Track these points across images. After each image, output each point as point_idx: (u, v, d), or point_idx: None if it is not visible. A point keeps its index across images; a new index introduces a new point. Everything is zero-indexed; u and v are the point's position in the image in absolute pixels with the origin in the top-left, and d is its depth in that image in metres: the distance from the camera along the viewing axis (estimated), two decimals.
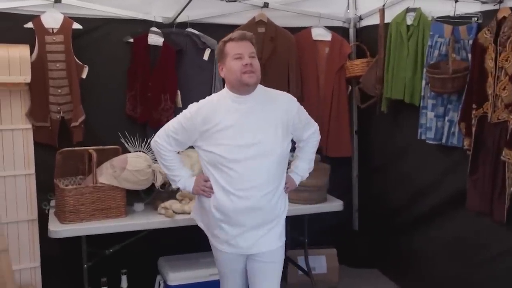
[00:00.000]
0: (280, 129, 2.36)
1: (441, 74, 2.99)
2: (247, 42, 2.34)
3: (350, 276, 4.04)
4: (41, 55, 3.24)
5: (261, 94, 2.39)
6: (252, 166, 2.31)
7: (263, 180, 2.33)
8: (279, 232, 2.47)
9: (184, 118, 2.41)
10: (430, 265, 3.48)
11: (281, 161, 2.40)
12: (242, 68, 2.27)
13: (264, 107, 2.35)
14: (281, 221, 2.48)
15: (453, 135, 3.08)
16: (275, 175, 2.38)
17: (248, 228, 2.39)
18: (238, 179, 2.32)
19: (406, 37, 3.40)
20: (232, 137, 2.30)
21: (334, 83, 3.97)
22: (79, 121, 3.31)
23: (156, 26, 3.55)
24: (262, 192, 2.34)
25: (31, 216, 3.31)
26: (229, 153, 2.30)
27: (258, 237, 2.40)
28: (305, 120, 2.51)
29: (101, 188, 2.97)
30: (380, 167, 3.99)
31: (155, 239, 3.37)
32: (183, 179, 2.54)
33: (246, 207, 2.34)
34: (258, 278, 2.48)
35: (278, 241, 2.46)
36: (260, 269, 2.47)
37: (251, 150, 2.30)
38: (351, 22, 4.12)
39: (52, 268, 3.38)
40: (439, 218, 3.37)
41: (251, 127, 2.32)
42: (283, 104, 2.40)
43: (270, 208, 2.38)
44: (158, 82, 3.52)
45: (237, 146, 2.30)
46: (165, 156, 2.51)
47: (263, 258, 2.45)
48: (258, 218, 2.37)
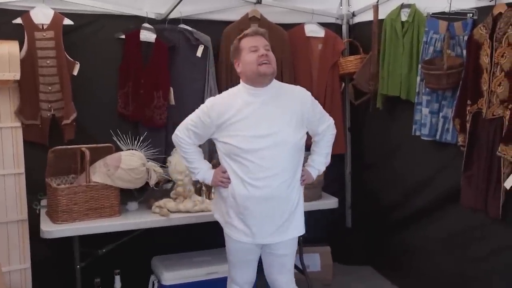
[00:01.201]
0: (295, 121, 2.42)
1: (436, 70, 2.99)
2: (260, 37, 2.45)
3: (344, 274, 4.03)
4: (31, 51, 3.17)
5: (276, 87, 2.48)
6: (267, 156, 2.37)
7: (278, 170, 2.40)
8: (295, 223, 2.52)
9: (202, 112, 2.49)
10: (424, 262, 3.48)
11: (296, 152, 2.45)
12: (258, 59, 2.36)
13: (279, 99, 2.43)
14: (297, 212, 2.52)
15: (447, 131, 3.08)
16: (290, 166, 2.43)
17: (264, 218, 2.45)
18: (253, 168, 2.38)
19: (401, 33, 3.40)
20: (248, 128, 2.37)
21: (327, 80, 3.95)
22: (70, 118, 3.24)
23: (148, 22, 3.49)
24: (277, 182, 2.40)
25: (21, 216, 3.24)
26: (244, 144, 2.37)
27: (275, 228, 2.47)
28: (319, 113, 2.57)
29: (95, 187, 2.91)
30: (374, 164, 3.99)
31: (149, 239, 3.33)
32: (202, 171, 2.60)
33: (261, 196, 2.40)
34: (275, 268, 2.58)
35: (294, 232, 2.53)
36: (276, 260, 2.56)
37: (266, 141, 2.37)
38: (344, 18, 4.11)
39: (43, 269, 3.31)
40: (433, 214, 3.37)
41: (266, 118, 2.39)
42: (298, 97, 2.48)
43: (285, 197, 2.45)
44: (150, 79, 3.47)
45: (252, 136, 2.36)
46: (184, 149, 2.58)
47: (279, 249, 2.52)
48: (274, 207, 2.43)
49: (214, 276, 3.24)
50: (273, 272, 2.61)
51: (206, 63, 3.60)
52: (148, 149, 3.22)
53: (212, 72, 3.61)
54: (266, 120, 2.38)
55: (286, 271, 2.61)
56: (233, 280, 2.68)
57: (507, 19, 2.59)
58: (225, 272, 3.23)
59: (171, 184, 3.30)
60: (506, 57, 2.60)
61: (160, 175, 3.08)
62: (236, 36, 3.60)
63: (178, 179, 3.17)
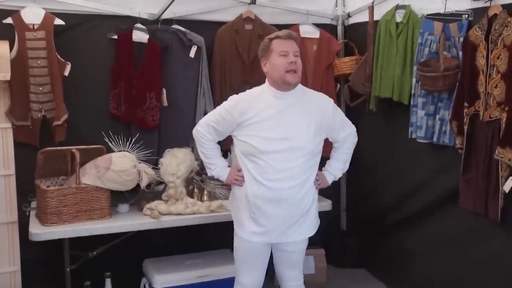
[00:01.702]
0: (313, 127, 2.46)
1: (431, 72, 2.95)
2: (293, 41, 2.44)
3: (338, 277, 3.99)
4: (22, 51, 3.13)
5: (300, 92, 2.51)
6: (282, 159, 2.41)
7: (291, 173, 2.43)
8: (307, 224, 2.57)
9: (224, 110, 2.52)
10: (419, 265, 3.45)
11: (311, 157, 2.49)
12: (287, 66, 2.38)
13: (301, 104, 2.46)
14: (310, 215, 2.57)
15: (444, 134, 3.05)
16: (303, 170, 2.46)
17: (275, 218, 2.48)
18: (267, 169, 2.42)
19: (395, 34, 3.36)
20: (267, 130, 2.41)
21: (322, 81, 3.92)
22: (61, 120, 3.20)
23: (141, 22, 3.46)
24: (289, 184, 2.44)
25: (10, 218, 3.19)
26: (261, 145, 2.41)
27: (285, 228, 2.51)
28: (340, 121, 2.60)
29: (85, 189, 2.87)
30: (369, 167, 3.95)
31: (140, 241, 3.30)
32: (218, 168, 2.65)
33: (273, 197, 2.44)
34: (284, 263, 2.65)
35: (305, 232, 2.59)
36: (285, 257, 2.63)
37: (282, 144, 2.41)
38: (339, 19, 4.09)
39: (33, 272, 3.26)
40: (430, 218, 3.33)
41: (286, 122, 2.42)
42: (319, 104, 2.52)
43: (296, 200, 2.48)
44: (143, 80, 3.43)
45: (269, 138, 2.40)
46: (204, 144, 2.63)
47: (288, 247, 2.58)
48: (285, 209, 2.47)
49: (205, 279, 3.20)
50: (281, 266, 2.68)
51: (199, 64, 3.57)
52: (140, 150, 3.18)
53: (205, 73, 3.58)
54: (285, 124, 2.42)
55: (294, 266, 2.68)
56: (239, 281, 2.68)
57: (502, 20, 2.56)
58: (216, 275, 3.25)
59: (163, 186, 3.26)
60: (501, 58, 2.56)
61: (152, 177, 3.04)
62: (229, 37, 3.64)
63: (170, 181, 3.14)
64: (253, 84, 3.42)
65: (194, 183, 3.31)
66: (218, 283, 3.24)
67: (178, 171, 3.14)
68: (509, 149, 2.48)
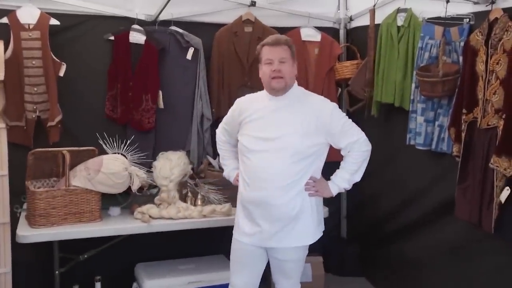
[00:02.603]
0: (305, 129, 2.40)
1: (431, 77, 2.88)
2: (281, 47, 2.44)
3: (336, 285, 3.92)
4: (17, 51, 3.12)
5: (297, 95, 2.49)
6: (267, 159, 2.41)
7: (275, 175, 2.40)
8: (297, 233, 2.47)
9: (231, 110, 2.64)
10: (419, 275, 3.36)
11: (299, 160, 2.41)
12: (271, 74, 2.41)
13: (295, 106, 2.45)
14: (300, 221, 2.47)
15: (442, 141, 2.97)
16: (290, 173, 2.41)
17: (263, 220, 2.46)
18: (253, 169, 2.44)
19: (396, 38, 3.30)
20: (256, 129, 2.45)
21: (324, 86, 3.85)
22: (55, 120, 3.18)
23: (138, 23, 3.43)
24: (272, 186, 2.41)
25: (2, 219, 3.15)
26: (250, 144, 2.45)
27: (273, 232, 2.46)
28: (341, 127, 2.46)
29: (74, 191, 2.84)
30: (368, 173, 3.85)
31: (132, 245, 3.25)
32: (229, 169, 2.73)
33: (256, 198, 2.44)
34: (278, 274, 2.60)
35: (295, 241, 2.49)
36: (277, 264, 2.57)
37: (268, 144, 2.41)
38: (341, 22, 4.02)
39: (23, 274, 3.24)
40: (429, 226, 3.25)
41: (276, 122, 2.43)
42: (315, 107, 2.46)
43: (281, 204, 2.42)
44: (139, 82, 3.40)
45: (257, 138, 2.43)
46: (219, 145, 2.76)
47: (280, 255, 2.52)
48: (269, 212, 2.44)
49: (196, 286, 3.16)
50: (275, 274, 2.63)
51: (197, 66, 3.53)
52: (135, 152, 3.14)
53: (202, 76, 3.54)
54: (275, 124, 2.43)
55: (287, 276, 2.59)
56: (231, 282, 2.65)
57: (503, 24, 2.48)
58: (208, 281, 3.20)
59: (157, 190, 3.21)
60: (501, 64, 2.48)
61: (143, 180, 2.99)
62: (228, 39, 3.59)
63: (163, 184, 3.09)
64: (252, 87, 3.41)
65: (188, 187, 3.26)
66: None
67: (171, 175, 3.10)
68: (505, 158, 2.39)
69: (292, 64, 2.47)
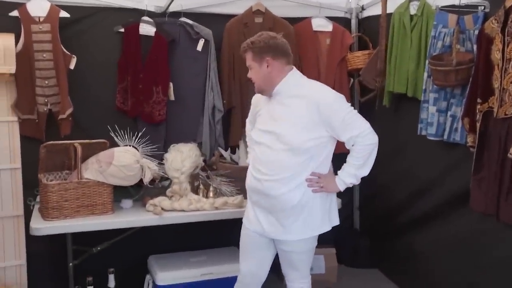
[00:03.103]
0: (301, 122, 2.38)
1: (444, 66, 2.83)
2: (245, 54, 2.47)
3: (349, 277, 3.90)
4: (27, 44, 3.12)
5: (289, 88, 2.44)
6: (266, 150, 2.45)
7: (273, 167, 2.42)
8: (297, 226, 2.46)
9: (251, 105, 2.71)
10: (433, 266, 3.33)
11: (297, 154, 2.39)
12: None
13: (289, 100, 2.43)
14: (302, 215, 2.45)
15: (455, 131, 2.92)
16: (286, 166, 2.40)
17: (261, 209, 2.51)
18: (256, 160, 2.51)
19: (409, 27, 3.25)
20: (261, 123, 2.52)
21: (335, 76, 3.82)
22: (66, 113, 3.19)
23: (148, 15, 3.41)
24: (270, 178, 2.42)
25: (16, 212, 3.21)
26: (256, 136, 2.53)
27: (271, 222, 2.49)
28: (342, 120, 2.37)
29: (86, 183, 2.84)
30: (381, 164, 3.80)
31: (145, 237, 3.26)
32: (251, 158, 2.70)
33: (256, 188, 2.49)
34: (285, 265, 2.62)
35: (294, 235, 2.48)
36: (283, 255, 2.58)
37: (268, 136, 2.44)
38: (353, 12, 3.97)
39: (38, 265, 3.28)
40: (442, 217, 3.21)
41: (273, 117, 2.46)
42: (312, 100, 2.39)
43: (276, 196, 2.43)
44: (149, 74, 3.39)
45: (261, 130, 2.49)
46: (247, 135, 2.80)
47: (285, 246, 2.53)
48: (265, 202, 2.47)
49: (209, 277, 3.16)
50: (282, 265, 2.63)
51: (207, 58, 3.50)
52: (146, 145, 3.13)
53: (213, 67, 3.51)
54: (273, 118, 2.45)
55: (293, 267, 2.59)
56: (240, 269, 2.69)
57: None
58: (220, 273, 3.19)
59: (168, 182, 3.21)
60: None
61: (155, 172, 2.99)
62: (238, 30, 3.56)
63: (174, 176, 3.09)
64: None
65: (200, 179, 3.25)
66: (222, 281, 3.18)
67: (183, 167, 3.09)
68: None
69: (260, 65, 2.41)
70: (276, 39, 2.43)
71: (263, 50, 2.40)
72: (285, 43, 2.45)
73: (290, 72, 2.45)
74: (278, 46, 2.41)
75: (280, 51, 2.42)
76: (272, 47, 2.40)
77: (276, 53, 2.40)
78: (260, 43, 2.40)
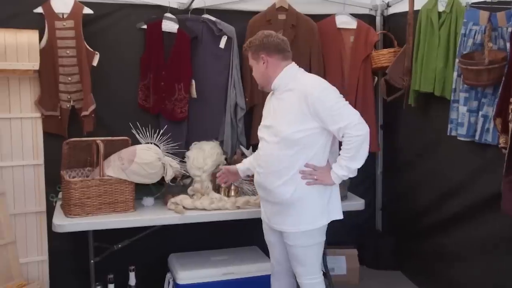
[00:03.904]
0: (293, 116, 2.44)
1: (475, 65, 2.74)
2: (247, 54, 2.60)
3: (371, 278, 3.85)
4: (51, 41, 3.12)
5: (285, 82, 2.51)
6: (264, 144, 2.56)
7: (269, 160, 2.51)
8: (293, 219, 2.51)
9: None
10: (458, 270, 3.26)
11: (288, 147, 2.45)
12: None
13: (284, 95, 2.51)
14: (297, 208, 2.50)
15: (487, 132, 2.83)
16: (279, 159, 2.47)
17: (265, 202, 2.63)
18: (258, 154, 2.64)
19: (437, 25, 3.16)
20: (263, 118, 2.65)
21: (359, 74, 3.75)
22: (89, 110, 3.18)
23: (170, 12, 3.39)
24: (267, 170, 2.52)
25: (39, 208, 3.22)
26: (259, 131, 2.64)
27: (272, 213, 2.59)
28: (329, 111, 2.39)
29: (108, 181, 2.83)
30: (407, 165, 3.77)
31: (166, 235, 3.24)
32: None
33: (257, 180, 2.61)
34: (291, 259, 2.64)
35: (289, 226, 2.53)
36: (289, 251, 2.62)
37: (266, 130, 2.55)
38: (378, 9, 3.90)
39: (60, 262, 3.28)
40: (472, 220, 3.13)
41: (270, 112, 2.57)
42: (301, 93, 2.44)
43: (272, 189, 2.51)
44: (172, 71, 3.37)
45: (262, 125, 2.62)
46: None
47: (285, 238, 2.58)
48: (266, 195, 2.57)
49: (230, 277, 3.13)
50: (290, 261, 2.66)
51: (230, 55, 3.47)
52: (168, 142, 3.12)
53: (236, 64, 3.48)
54: (270, 113, 2.57)
55: (300, 263, 2.60)
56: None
57: None
58: (242, 273, 3.18)
59: (190, 180, 3.18)
60: None
61: (177, 170, 2.97)
62: (262, 27, 3.50)
63: (196, 175, 3.06)
64: None
65: None
66: (244, 281, 3.16)
67: (205, 165, 3.07)
68: None
69: (257, 63, 2.52)
70: (271, 37, 2.51)
71: (258, 48, 2.51)
72: (280, 40, 2.53)
73: (285, 68, 2.52)
74: (271, 43, 2.50)
75: (273, 48, 2.50)
76: (266, 44, 2.49)
77: (269, 50, 2.49)
78: (256, 42, 2.52)
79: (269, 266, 2.89)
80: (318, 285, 2.63)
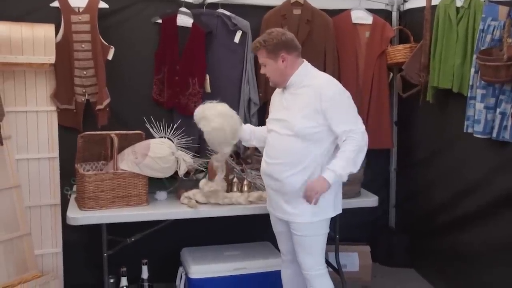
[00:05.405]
0: (306, 110, 2.51)
1: (493, 61, 2.71)
2: (257, 53, 2.60)
3: (384, 275, 3.83)
4: (67, 35, 3.14)
5: (300, 80, 2.56)
6: (274, 137, 2.61)
7: (278, 151, 2.58)
8: (301, 209, 2.56)
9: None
10: (472, 269, 3.23)
11: (300, 140, 2.51)
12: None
13: (298, 91, 2.57)
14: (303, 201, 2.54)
15: (505, 129, 2.79)
16: (292, 151, 2.53)
17: (271, 191, 2.67)
18: (267, 145, 2.68)
19: (455, 20, 3.12)
20: (273, 112, 2.70)
21: (374, 70, 3.72)
22: (104, 104, 3.19)
23: (185, 6, 3.38)
24: (276, 161, 2.58)
25: (54, 200, 3.25)
26: (268, 124, 2.71)
27: (280, 204, 2.63)
28: (339, 113, 2.49)
29: (122, 174, 2.84)
30: (421, 162, 3.73)
31: (179, 229, 3.24)
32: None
33: (265, 170, 2.66)
34: (295, 245, 2.68)
35: (299, 217, 2.58)
36: (295, 241, 2.66)
37: (278, 123, 2.60)
38: (394, 4, 3.86)
39: (73, 254, 3.31)
40: (488, 219, 3.09)
41: (282, 106, 2.62)
42: (317, 89, 2.51)
43: (282, 179, 2.56)
44: (186, 66, 3.36)
45: (273, 119, 2.67)
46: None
47: (293, 228, 2.63)
48: (274, 184, 2.62)
49: (242, 272, 3.13)
50: (297, 252, 2.68)
51: (245, 50, 3.46)
52: (181, 137, 3.12)
53: (250, 59, 3.47)
54: (282, 107, 2.61)
55: (304, 253, 2.64)
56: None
57: None
58: (254, 268, 3.18)
59: (203, 175, 3.18)
60: None
61: (190, 164, 2.97)
62: (276, 22, 3.50)
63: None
64: None
65: (235, 173, 3.21)
66: (256, 276, 3.17)
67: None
68: None
69: (275, 61, 2.53)
70: (287, 35, 2.54)
71: (277, 46, 2.51)
72: (293, 37, 2.57)
73: (302, 65, 2.57)
74: (289, 41, 2.53)
75: (292, 46, 2.54)
76: (285, 42, 2.52)
77: (289, 48, 2.53)
78: (274, 40, 2.51)
79: (281, 262, 2.90)
80: (325, 275, 2.68)
